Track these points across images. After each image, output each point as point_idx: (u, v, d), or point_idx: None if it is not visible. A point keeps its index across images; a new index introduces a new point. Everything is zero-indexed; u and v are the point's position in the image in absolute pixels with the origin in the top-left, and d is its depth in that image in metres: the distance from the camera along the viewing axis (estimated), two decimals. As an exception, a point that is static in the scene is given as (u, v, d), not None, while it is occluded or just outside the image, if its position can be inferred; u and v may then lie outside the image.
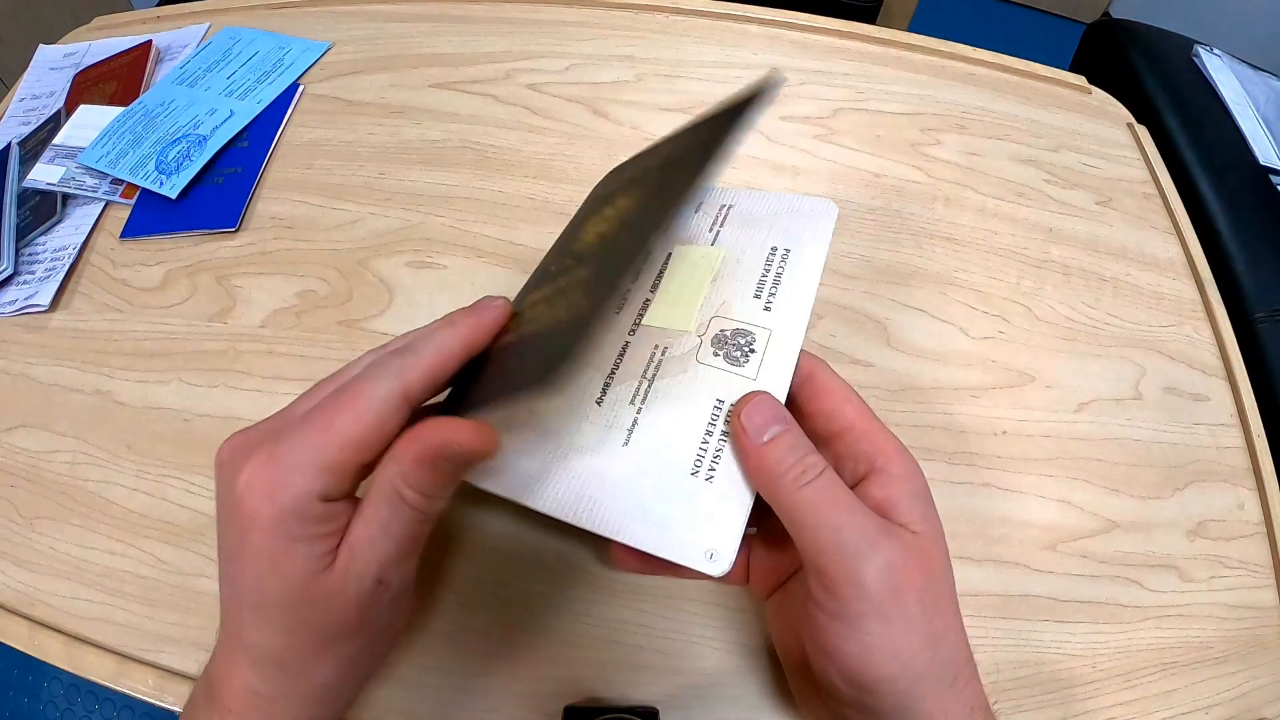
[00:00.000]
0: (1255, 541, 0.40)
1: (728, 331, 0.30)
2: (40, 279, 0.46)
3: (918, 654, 0.24)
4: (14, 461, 0.40)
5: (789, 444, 0.26)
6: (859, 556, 0.24)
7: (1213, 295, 0.48)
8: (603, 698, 0.33)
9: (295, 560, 0.23)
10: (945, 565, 0.26)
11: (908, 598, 0.24)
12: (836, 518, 0.24)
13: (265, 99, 0.53)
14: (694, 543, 0.26)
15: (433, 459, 0.24)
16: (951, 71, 0.57)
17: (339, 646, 0.25)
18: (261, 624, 0.24)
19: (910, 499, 0.26)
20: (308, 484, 0.23)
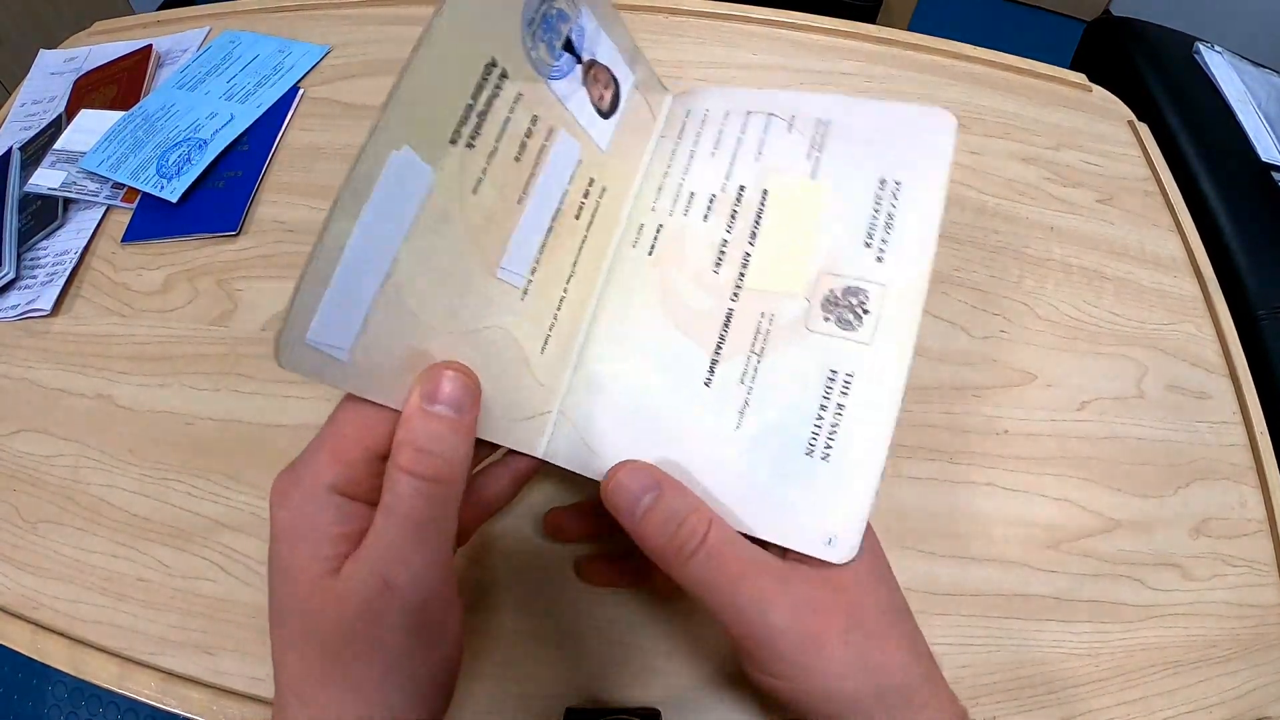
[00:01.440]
0: (1258, 539, 0.40)
1: (837, 291, 0.26)
2: (42, 283, 0.46)
3: (858, 689, 0.23)
4: (16, 465, 0.40)
5: (664, 514, 0.25)
6: (760, 617, 0.23)
7: (1214, 292, 0.47)
8: (604, 699, 0.33)
9: (301, 560, 0.22)
10: (876, 592, 0.25)
11: (829, 644, 0.23)
12: (729, 585, 0.24)
13: (265, 102, 0.53)
14: (813, 527, 0.24)
15: (415, 407, 0.22)
16: (952, 70, 0.57)
17: (347, 667, 0.22)
18: (279, 643, 0.22)
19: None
20: (315, 475, 0.22)
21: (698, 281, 0.29)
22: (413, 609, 0.22)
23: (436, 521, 0.22)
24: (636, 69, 0.32)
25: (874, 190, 0.28)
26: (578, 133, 0.29)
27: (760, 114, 0.31)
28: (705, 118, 0.32)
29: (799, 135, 0.30)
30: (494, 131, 0.25)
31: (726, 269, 0.29)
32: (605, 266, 0.30)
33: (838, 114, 0.30)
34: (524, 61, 0.26)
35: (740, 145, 0.31)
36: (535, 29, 0.26)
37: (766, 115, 0.31)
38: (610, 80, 0.30)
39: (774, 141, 0.30)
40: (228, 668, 0.34)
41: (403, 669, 0.22)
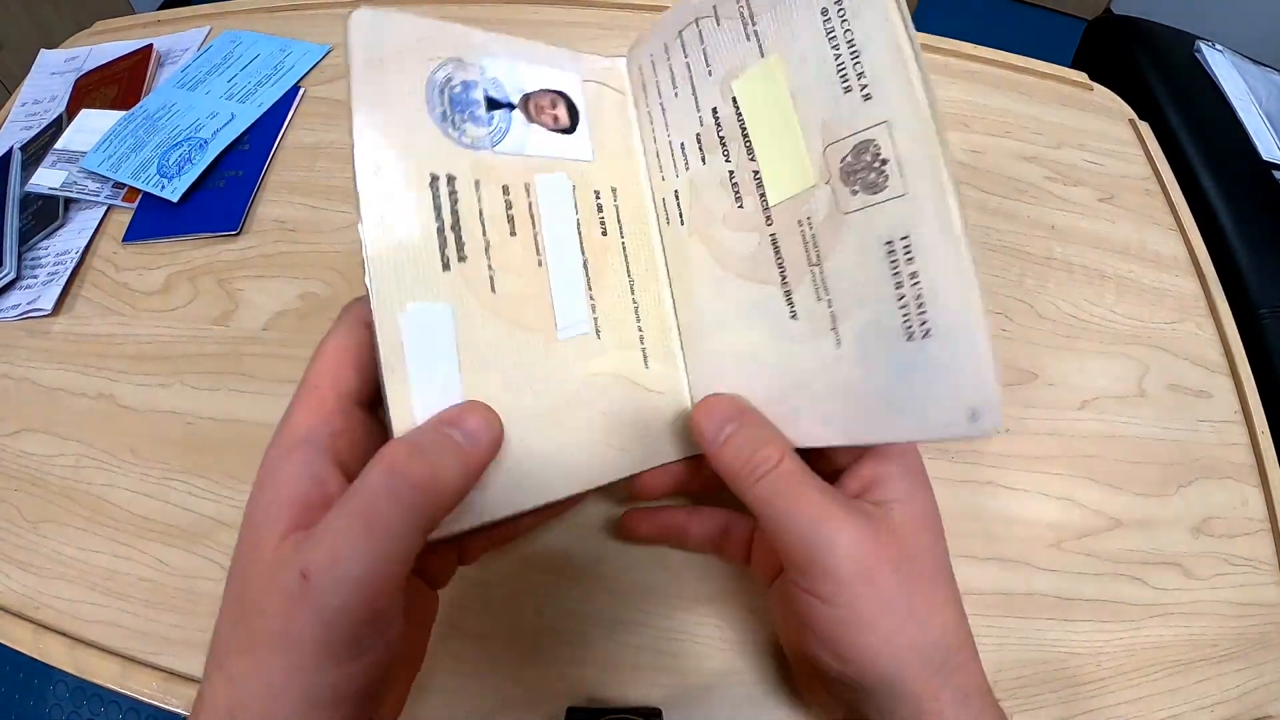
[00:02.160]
0: (1259, 538, 0.40)
1: (847, 157, 0.24)
2: (43, 283, 0.46)
3: (897, 631, 0.24)
4: (18, 465, 0.40)
5: (742, 440, 0.26)
6: (822, 541, 0.24)
7: (1216, 291, 0.47)
8: (605, 698, 0.33)
9: (254, 520, 0.21)
10: (928, 544, 0.26)
11: (880, 577, 0.24)
12: (793, 505, 0.24)
13: (266, 102, 0.53)
14: (950, 410, 0.22)
15: (422, 424, 0.23)
16: (953, 69, 0.57)
17: (258, 650, 0.20)
18: (224, 604, 0.22)
19: (898, 477, 0.26)
20: (289, 432, 0.22)
21: (731, 225, 0.28)
22: (329, 611, 0.19)
23: (393, 530, 0.20)
24: (573, 66, 0.30)
25: (820, 26, 0.24)
26: (554, 166, 0.28)
27: (689, 26, 0.29)
28: (653, 61, 0.30)
29: (729, 22, 0.27)
30: (476, 230, 0.25)
31: (747, 199, 0.27)
32: (659, 257, 0.30)
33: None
34: (460, 151, 0.25)
35: (691, 69, 0.29)
36: (451, 116, 0.25)
37: (694, 23, 0.29)
38: (554, 97, 0.29)
39: (713, 46, 0.28)
40: (229, 667, 0.34)
41: (310, 669, 0.19)
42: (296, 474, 0.21)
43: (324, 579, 0.19)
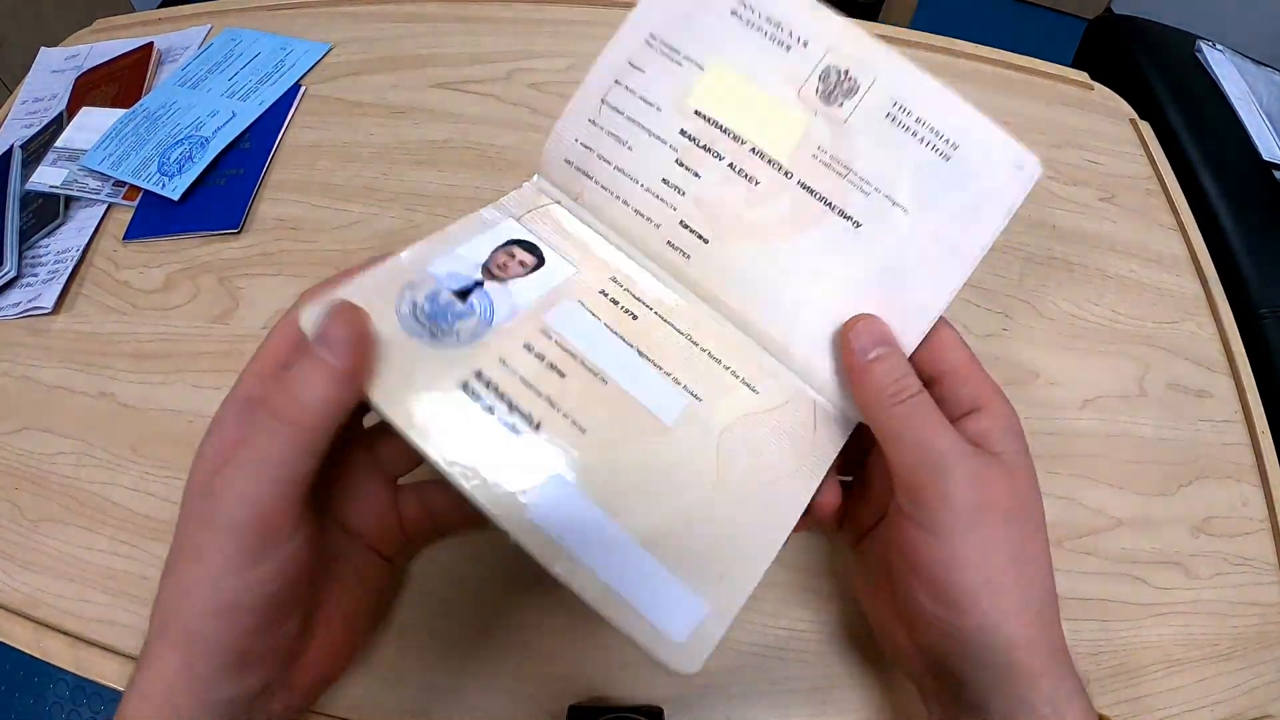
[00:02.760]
0: (1260, 538, 0.40)
1: (819, 86, 0.28)
2: (44, 281, 0.46)
3: (1003, 571, 0.24)
4: (18, 463, 0.40)
5: (889, 365, 0.27)
6: (946, 469, 0.25)
7: (1216, 291, 0.47)
8: (607, 696, 0.33)
9: (209, 438, 0.25)
10: (1036, 496, 0.27)
11: (994, 514, 0.25)
12: (926, 432, 0.25)
13: (267, 100, 0.53)
14: (1002, 173, 0.27)
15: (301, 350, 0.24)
16: (954, 68, 0.57)
17: (178, 561, 0.23)
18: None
19: (1005, 434, 0.27)
20: (236, 393, 0.26)
21: (757, 203, 0.29)
22: (226, 526, 0.22)
23: (273, 458, 0.22)
24: (499, 218, 0.30)
25: (738, 21, 0.29)
26: (553, 298, 0.28)
27: (612, 89, 0.30)
28: (582, 143, 0.31)
29: (654, 64, 0.30)
30: (530, 396, 0.25)
31: (760, 173, 0.29)
32: (694, 300, 0.30)
33: (642, 11, 0.30)
34: (468, 350, 0.26)
35: (636, 119, 0.30)
36: (437, 331, 0.26)
37: (616, 84, 0.30)
38: (506, 249, 0.29)
39: (649, 87, 0.30)
40: (230, 665, 0.34)
41: (214, 576, 0.22)
42: (235, 424, 0.25)
43: (222, 500, 0.22)
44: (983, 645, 0.24)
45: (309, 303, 0.25)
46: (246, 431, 0.23)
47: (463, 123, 0.52)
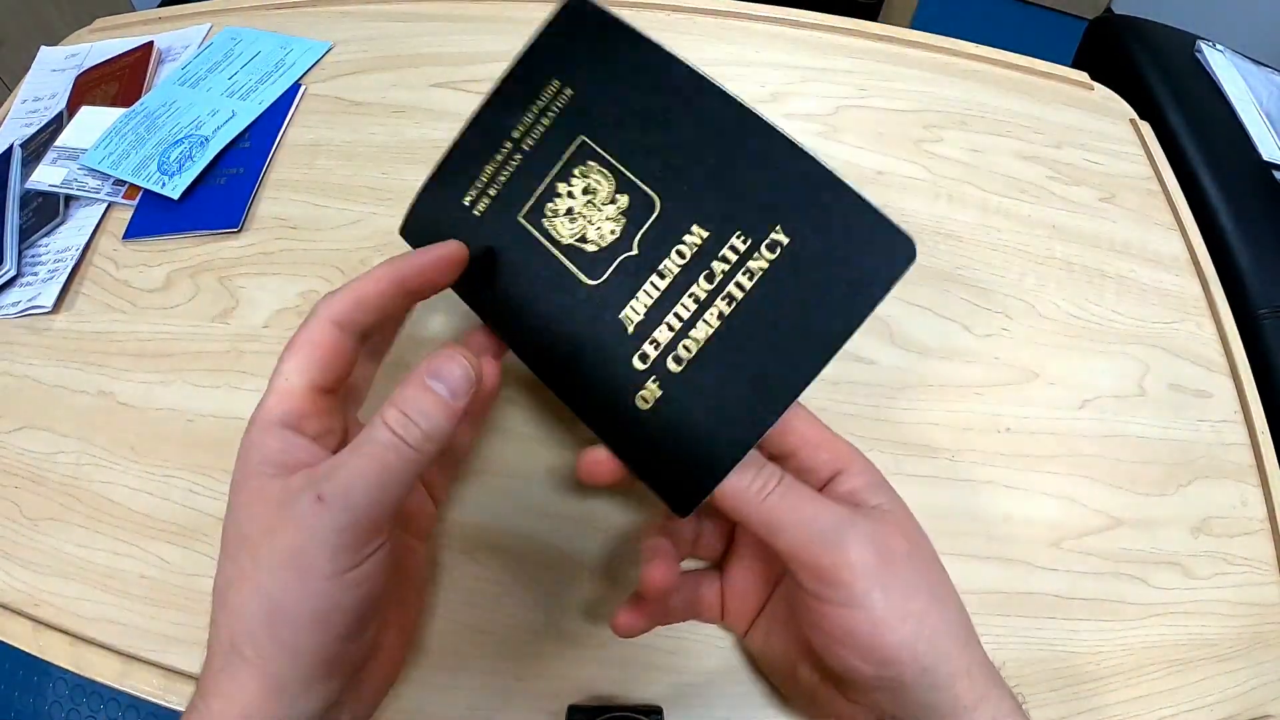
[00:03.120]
0: (1259, 538, 0.40)
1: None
2: (43, 280, 0.46)
3: (927, 614, 0.25)
4: (18, 462, 0.40)
5: (740, 470, 0.27)
6: (839, 541, 0.25)
7: (1216, 291, 0.47)
8: (607, 696, 0.33)
9: (244, 478, 0.25)
10: (924, 535, 0.27)
11: (898, 564, 0.25)
12: (806, 512, 0.26)
13: (267, 99, 0.53)
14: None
15: (419, 382, 0.25)
16: (954, 68, 0.57)
17: (264, 578, 0.23)
18: (219, 560, 0.25)
19: (874, 489, 0.27)
20: (265, 410, 0.26)
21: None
22: (339, 523, 0.23)
23: (396, 475, 0.24)
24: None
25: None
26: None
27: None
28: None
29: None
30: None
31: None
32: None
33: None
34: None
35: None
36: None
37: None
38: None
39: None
40: (229, 664, 0.34)
41: (321, 578, 0.23)
42: (280, 447, 0.25)
43: (339, 503, 0.23)
44: (928, 687, 0.24)
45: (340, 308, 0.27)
46: (361, 437, 0.24)
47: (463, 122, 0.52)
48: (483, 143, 0.31)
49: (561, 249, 0.30)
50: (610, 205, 0.30)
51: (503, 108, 0.31)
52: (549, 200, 0.30)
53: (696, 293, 0.28)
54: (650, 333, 0.29)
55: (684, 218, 0.29)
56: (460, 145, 0.32)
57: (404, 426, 0.24)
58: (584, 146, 0.30)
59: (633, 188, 0.29)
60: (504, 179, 0.31)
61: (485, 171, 0.31)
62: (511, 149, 0.31)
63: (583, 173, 0.30)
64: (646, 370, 0.28)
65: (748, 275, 0.28)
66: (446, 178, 0.32)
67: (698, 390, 0.28)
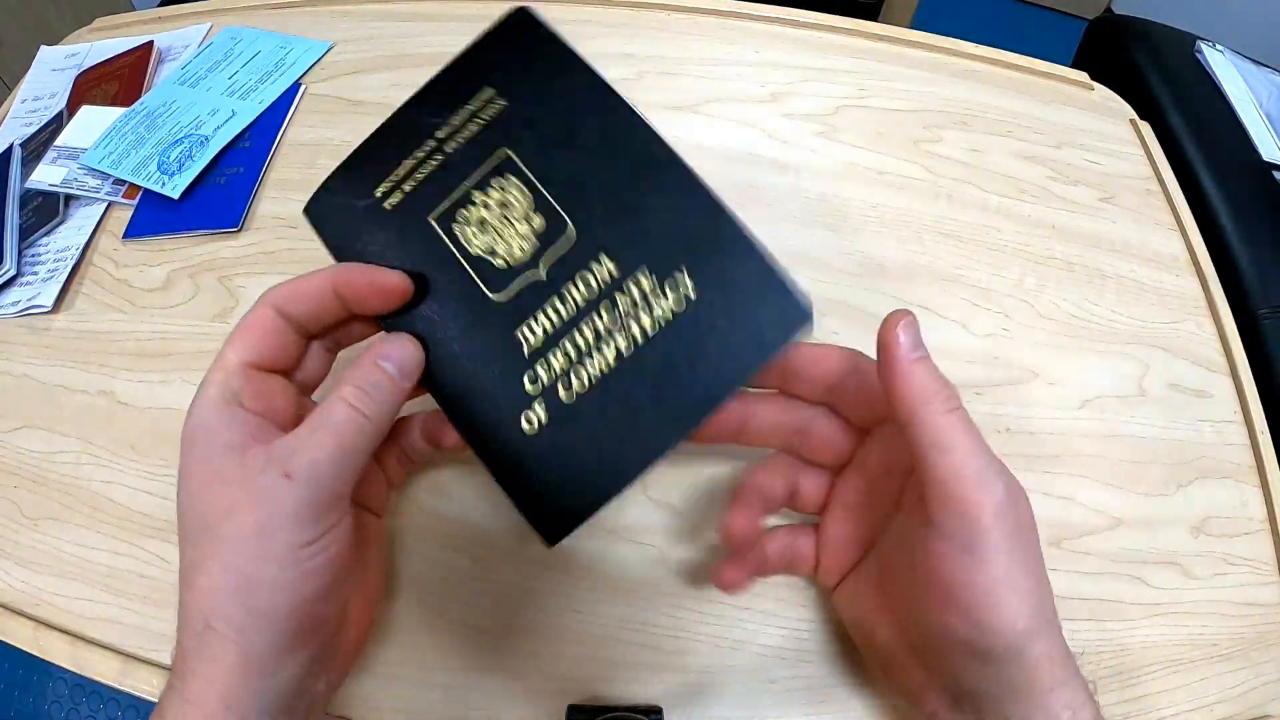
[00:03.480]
0: (1259, 538, 0.40)
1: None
2: (43, 280, 0.46)
3: (1034, 592, 0.25)
4: (18, 462, 0.40)
5: (934, 368, 0.26)
6: (992, 485, 0.25)
7: (1216, 291, 0.47)
8: (606, 696, 0.33)
9: (195, 462, 0.25)
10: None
11: (1025, 533, 0.25)
12: (977, 445, 0.25)
13: (267, 99, 0.53)
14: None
15: (370, 358, 0.27)
16: (953, 68, 0.57)
17: (231, 555, 0.23)
18: (180, 547, 0.25)
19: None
20: (205, 391, 0.26)
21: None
22: (306, 497, 0.24)
23: (356, 447, 0.26)
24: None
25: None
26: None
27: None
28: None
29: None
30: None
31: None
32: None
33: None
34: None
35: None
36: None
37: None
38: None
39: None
40: (229, 664, 0.34)
41: (285, 547, 0.24)
42: (224, 424, 0.25)
43: (303, 476, 0.24)
44: (1011, 663, 0.24)
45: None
46: (317, 415, 0.26)
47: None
48: (405, 137, 0.31)
49: (469, 259, 0.30)
50: (523, 223, 0.29)
51: (431, 106, 0.31)
52: (463, 207, 0.30)
53: (596, 324, 0.28)
54: (545, 355, 0.29)
55: (594, 246, 0.29)
56: (381, 135, 0.31)
57: (360, 399, 0.26)
58: (508, 160, 0.30)
59: (549, 209, 0.29)
60: (420, 177, 0.30)
61: (403, 165, 0.31)
62: (433, 149, 0.30)
63: (501, 186, 0.30)
64: (535, 395, 0.28)
65: (649, 318, 0.28)
66: (362, 165, 0.31)
67: (584, 422, 0.28)
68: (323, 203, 0.32)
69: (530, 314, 0.29)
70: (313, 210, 0.32)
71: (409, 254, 0.30)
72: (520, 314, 0.29)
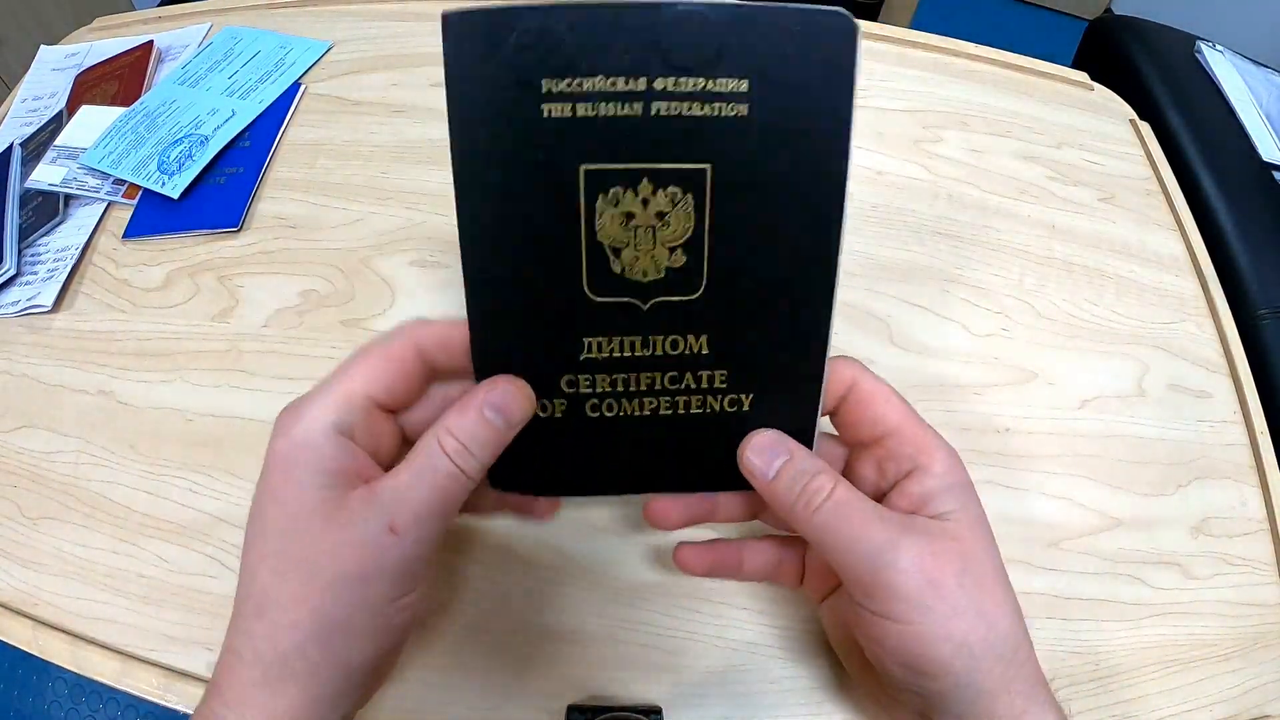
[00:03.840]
0: (1258, 539, 0.40)
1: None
2: (43, 279, 0.46)
3: (969, 634, 0.24)
4: (17, 462, 0.40)
5: (793, 473, 0.26)
6: (887, 562, 0.24)
7: (1215, 292, 0.47)
8: (606, 696, 0.33)
9: (294, 486, 0.24)
10: (987, 548, 0.27)
11: (946, 586, 0.25)
12: (852, 532, 0.25)
13: (267, 99, 0.53)
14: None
15: (476, 410, 0.25)
16: (953, 68, 0.57)
17: (325, 586, 0.23)
18: (254, 556, 0.24)
19: (948, 492, 0.27)
20: (319, 413, 0.24)
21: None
22: (409, 555, 0.24)
23: (457, 502, 0.25)
24: None
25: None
26: None
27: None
28: None
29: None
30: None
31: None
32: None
33: None
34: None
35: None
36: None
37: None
38: None
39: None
40: (229, 664, 0.34)
41: (381, 600, 0.24)
42: (334, 453, 0.24)
43: (410, 533, 0.23)
44: (960, 700, 0.25)
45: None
46: (422, 462, 0.24)
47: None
48: (620, 50, 0.23)
49: (590, 242, 0.25)
50: (664, 249, 0.25)
51: (683, 40, 0.23)
52: (622, 184, 0.24)
53: (655, 380, 0.27)
54: (595, 373, 0.27)
55: (704, 322, 0.26)
56: (603, 10, 0.23)
57: (464, 458, 0.24)
58: (700, 176, 0.24)
59: (696, 259, 0.25)
60: (607, 112, 0.23)
61: (596, 79, 0.23)
62: (642, 91, 0.23)
63: (674, 197, 0.25)
64: (565, 394, 0.27)
65: (702, 407, 0.28)
66: (553, 29, 0.23)
67: (592, 433, 0.28)
68: (482, 32, 0.23)
69: (608, 332, 0.26)
70: (466, 27, 0.23)
71: (533, 189, 0.24)
72: (598, 325, 0.26)
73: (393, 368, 0.26)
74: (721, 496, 0.31)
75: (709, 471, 0.29)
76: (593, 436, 0.28)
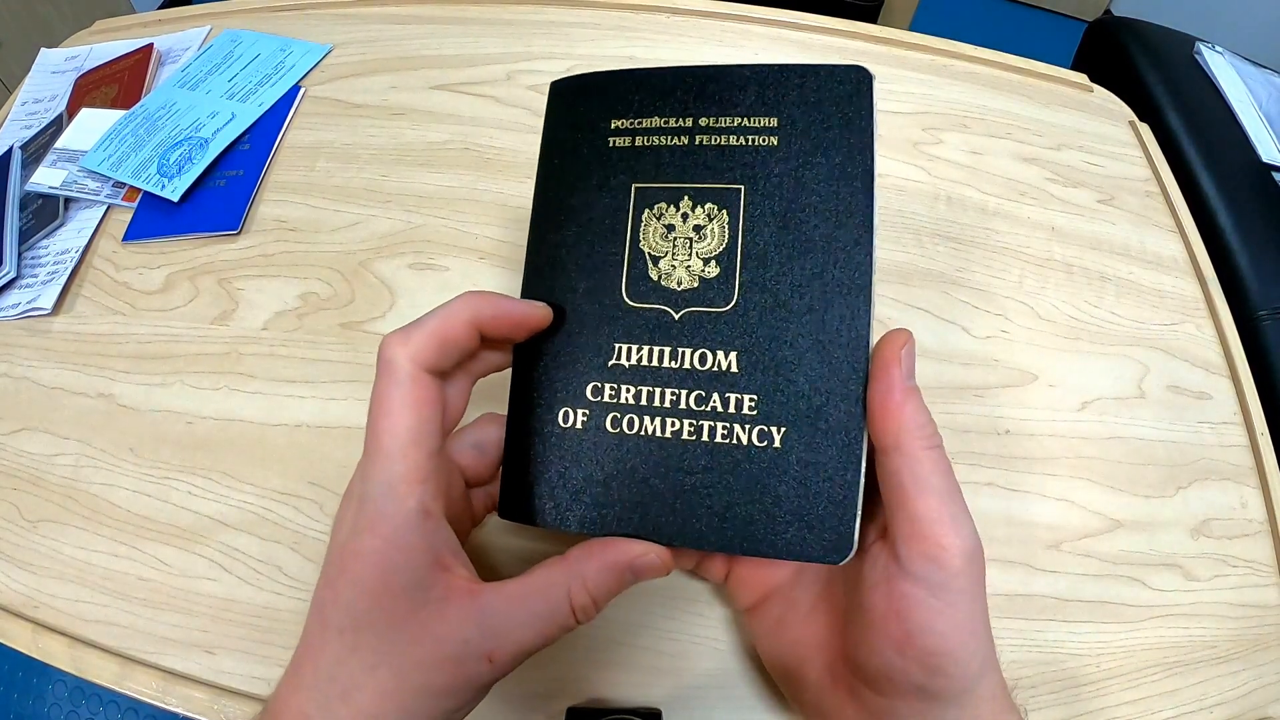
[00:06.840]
0: (1258, 540, 0.40)
1: None
2: (43, 282, 0.46)
3: (984, 636, 0.25)
4: (17, 464, 0.40)
5: (922, 401, 0.25)
6: (964, 531, 0.24)
7: (1215, 293, 0.47)
8: (605, 699, 0.33)
9: (403, 588, 0.24)
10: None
11: (979, 580, 0.24)
12: (952, 487, 0.24)
13: (266, 101, 0.53)
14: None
15: (619, 570, 0.26)
16: (953, 70, 0.57)
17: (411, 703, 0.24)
18: (336, 622, 0.24)
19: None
20: (406, 501, 0.24)
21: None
22: (492, 680, 0.25)
23: (552, 640, 0.26)
24: None
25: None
26: None
27: None
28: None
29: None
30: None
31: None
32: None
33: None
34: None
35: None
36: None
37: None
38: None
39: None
40: (228, 667, 0.34)
41: (449, 715, 0.24)
42: (428, 544, 0.25)
43: (506, 666, 0.24)
44: (958, 705, 0.24)
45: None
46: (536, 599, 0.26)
47: (462, 124, 0.52)
48: (671, 98, 0.29)
49: (634, 248, 0.28)
50: (698, 260, 0.27)
51: (718, 92, 0.28)
52: (666, 200, 0.28)
53: (680, 398, 0.27)
54: (622, 383, 0.27)
55: (733, 339, 0.27)
56: (653, 80, 0.29)
57: (587, 612, 0.25)
58: (735, 195, 0.28)
59: (729, 272, 0.27)
60: (658, 143, 0.29)
61: (652, 120, 0.29)
62: (689, 128, 0.28)
63: (709, 213, 0.28)
64: (590, 401, 0.27)
65: (726, 435, 0.26)
66: (619, 89, 0.30)
67: (603, 455, 0.27)
68: (571, 92, 0.31)
69: (638, 339, 0.27)
70: (562, 90, 0.31)
71: (592, 200, 0.29)
72: (631, 331, 0.27)
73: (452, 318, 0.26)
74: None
75: (728, 529, 0.26)
76: (609, 459, 0.27)
